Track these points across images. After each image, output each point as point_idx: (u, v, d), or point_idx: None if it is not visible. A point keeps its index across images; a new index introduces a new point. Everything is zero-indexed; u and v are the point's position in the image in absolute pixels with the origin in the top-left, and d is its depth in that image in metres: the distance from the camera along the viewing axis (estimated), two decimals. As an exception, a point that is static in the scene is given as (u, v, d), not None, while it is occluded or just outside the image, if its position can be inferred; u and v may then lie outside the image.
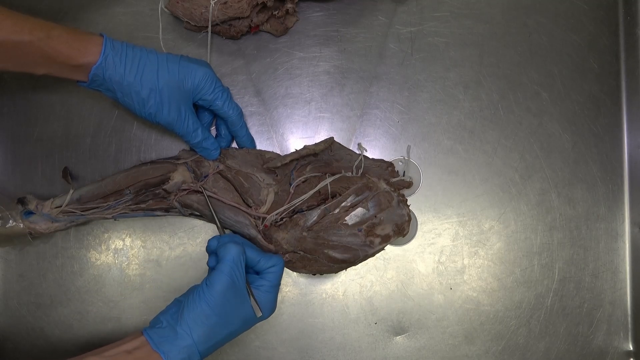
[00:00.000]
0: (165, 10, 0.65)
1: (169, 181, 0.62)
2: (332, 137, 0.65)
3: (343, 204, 0.61)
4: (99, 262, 0.67)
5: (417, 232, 0.68)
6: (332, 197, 0.62)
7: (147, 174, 0.62)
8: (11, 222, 0.61)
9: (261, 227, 0.61)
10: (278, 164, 0.63)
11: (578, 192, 0.69)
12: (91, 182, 0.64)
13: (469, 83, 0.68)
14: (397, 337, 0.68)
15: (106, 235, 0.67)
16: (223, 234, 0.60)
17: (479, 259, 0.68)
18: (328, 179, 0.62)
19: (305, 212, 0.61)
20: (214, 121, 0.66)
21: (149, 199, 0.62)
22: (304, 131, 0.68)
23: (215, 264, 0.57)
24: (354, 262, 0.61)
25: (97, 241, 0.67)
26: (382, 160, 0.67)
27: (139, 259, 0.67)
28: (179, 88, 0.58)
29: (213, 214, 0.61)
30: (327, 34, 0.68)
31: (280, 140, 0.68)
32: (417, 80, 0.68)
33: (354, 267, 0.65)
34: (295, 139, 0.68)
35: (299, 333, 0.67)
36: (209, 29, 0.64)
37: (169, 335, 0.52)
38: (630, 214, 0.69)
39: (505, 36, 0.69)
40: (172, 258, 0.67)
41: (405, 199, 0.62)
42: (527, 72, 0.69)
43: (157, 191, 0.62)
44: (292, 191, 0.62)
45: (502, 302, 0.68)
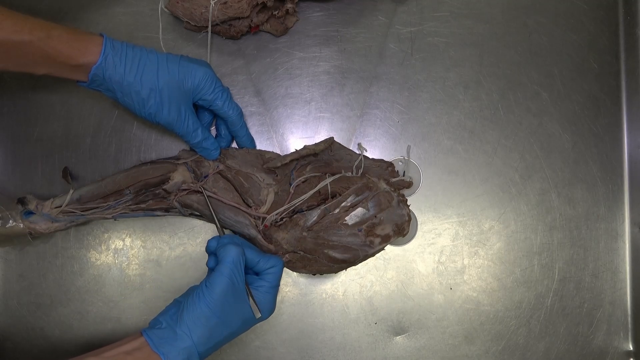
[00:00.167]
0: (165, 10, 0.65)
1: (169, 181, 0.62)
2: (332, 137, 0.65)
3: (343, 204, 0.61)
4: (99, 262, 0.67)
5: (417, 232, 0.68)
6: (332, 197, 0.62)
7: (147, 174, 0.62)
8: (11, 222, 0.61)
9: (261, 227, 0.61)
10: (278, 164, 0.63)
11: (578, 192, 0.69)
12: (91, 182, 0.64)
13: (469, 83, 0.68)
14: (397, 337, 0.68)
15: (106, 235, 0.67)
16: (223, 234, 0.60)
17: (479, 259, 0.68)
18: (328, 179, 0.62)
19: (305, 212, 0.61)
20: (214, 121, 0.66)
21: (149, 199, 0.62)
22: (304, 131, 0.68)
23: (214, 264, 0.57)
24: (354, 262, 0.61)
25: (97, 241, 0.67)
26: (382, 160, 0.67)
27: (139, 259, 0.67)
28: (179, 88, 0.58)
29: (213, 214, 0.61)
30: (327, 34, 0.68)
31: (280, 140, 0.68)
32: (417, 80, 0.68)
33: (354, 267, 0.65)
34: (295, 139, 0.68)
35: (299, 333, 0.67)
36: (209, 29, 0.64)
37: (169, 337, 0.52)
38: (630, 214, 0.69)
39: (505, 36, 0.69)
40: (172, 258, 0.67)
41: (405, 199, 0.62)
42: (527, 72, 0.69)
43: (157, 191, 0.62)
44: (292, 191, 0.62)
45: (502, 302, 0.68)
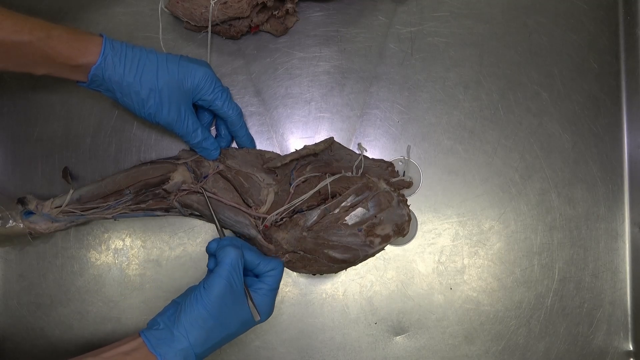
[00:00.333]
0: (165, 10, 0.65)
1: (169, 181, 0.62)
2: (332, 137, 0.65)
3: (343, 204, 0.61)
4: (99, 262, 0.67)
5: (417, 232, 0.68)
6: (332, 197, 0.62)
7: (147, 174, 0.62)
8: (11, 222, 0.61)
9: (261, 227, 0.61)
10: (278, 164, 0.63)
11: (578, 192, 0.69)
12: (91, 182, 0.64)
13: (469, 83, 0.68)
14: (397, 337, 0.68)
15: (106, 235, 0.67)
16: (223, 236, 0.60)
17: (479, 259, 0.68)
18: (328, 179, 0.62)
19: (305, 212, 0.61)
20: (213, 121, 0.66)
21: (149, 199, 0.62)
22: (304, 131, 0.68)
23: (214, 266, 0.57)
24: (354, 262, 0.61)
25: (97, 241, 0.67)
26: (382, 160, 0.67)
27: (139, 259, 0.67)
28: (178, 88, 0.58)
29: (213, 215, 0.61)
30: (327, 34, 0.68)
31: (280, 140, 0.68)
32: (417, 80, 0.68)
33: (354, 267, 0.65)
34: (295, 139, 0.68)
35: (299, 333, 0.67)
36: (209, 28, 0.64)
37: (166, 338, 0.52)
38: (630, 214, 0.69)
39: (505, 36, 0.69)
40: (172, 258, 0.67)
41: (405, 199, 0.62)
42: (527, 72, 0.69)
43: (157, 191, 0.62)
44: (292, 191, 0.62)
45: (502, 302, 0.68)
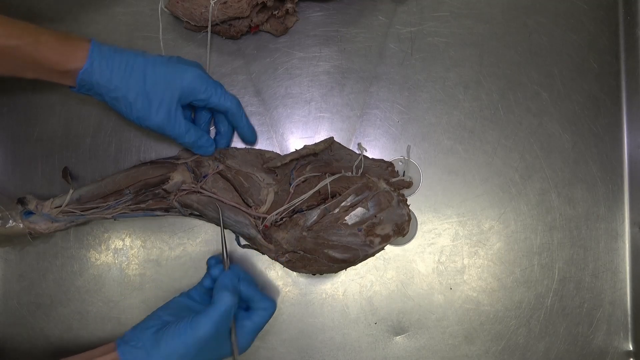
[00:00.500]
0: (165, 10, 0.65)
1: (169, 181, 0.62)
2: (332, 137, 0.65)
3: (343, 203, 0.61)
4: (99, 262, 0.67)
5: (417, 232, 0.68)
6: (332, 197, 0.62)
7: (147, 174, 0.62)
8: (11, 222, 0.61)
9: (261, 227, 0.61)
10: (278, 164, 0.63)
11: (578, 192, 0.69)
12: (91, 182, 0.64)
13: (469, 83, 0.68)
14: (397, 337, 0.68)
15: (106, 235, 0.67)
16: (227, 266, 0.60)
17: (479, 259, 0.68)
18: (328, 179, 0.62)
19: (305, 212, 0.61)
20: (212, 119, 0.66)
21: (148, 199, 0.62)
22: (304, 131, 0.68)
23: (210, 285, 0.59)
24: (354, 262, 0.61)
25: (97, 241, 0.67)
26: (382, 160, 0.67)
27: (139, 259, 0.67)
28: (166, 90, 0.57)
29: (224, 245, 0.61)
30: (327, 34, 0.68)
31: (280, 140, 0.68)
32: (417, 80, 0.68)
33: (353, 267, 0.65)
34: (295, 139, 0.68)
35: (299, 333, 0.67)
36: (209, 28, 0.64)
37: (142, 359, 0.52)
38: (630, 214, 0.69)
39: (505, 36, 0.69)
40: (172, 258, 0.67)
41: (405, 199, 0.62)
42: (527, 72, 0.69)
43: (157, 191, 0.62)
44: (292, 191, 0.62)
45: (502, 302, 0.68)
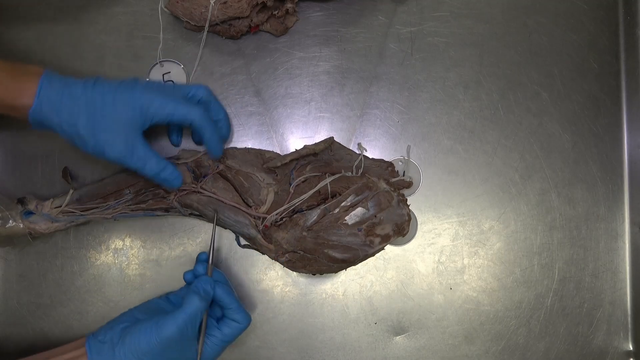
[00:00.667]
0: (165, 10, 0.65)
1: (169, 181, 0.62)
2: (332, 137, 0.65)
3: (343, 203, 0.61)
4: (99, 262, 0.67)
5: (417, 232, 0.68)
6: (332, 197, 0.62)
7: (147, 173, 0.62)
8: (11, 222, 0.61)
9: (261, 227, 0.61)
10: (278, 164, 0.63)
11: (578, 192, 0.69)
12: (91, 182, 0.64)
13: (469, 83, 0.68)
14: (397, 337, 0.68)
15: (106, 235, 0.67)
16: (210, 272, 0.60)
17: (479, 259, 0.68)
18: (328, 179, 0.62)
19: (305, 212, 0.61)
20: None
21: (148, 198, 0.62)
22: (304, 131, 0.68)
23: (191, 280, 0.59)
24: (354, 262, 0.61)
25: (97, 241, 0.67)
26: (382, 160, 0.67)
27: (139, 259, 0.67)
28: (120, 122, 0.54)
29: (211, 250, 0.61)
30: (327, 34, 0.68)
31: (280, 140, 0.68)
32: (417, 80, 0.68)
33: (353, 267, 0.65)
34: (295, 139, 0.68)
35: (299, 333, 0.67)
36: (206, 28, 0.64)
37: (107, 354, 0.53)
38: (630, 214, 0.69)
39: (505, 36, 0.69)
40: (172, 258, 0.67)
41: (405, 199, 0.62)
42: (527, 72, 0.69)
43: (157, 191, 0.62)
44: (292, 191, 0.62)
45: (502, 302, 0.68)
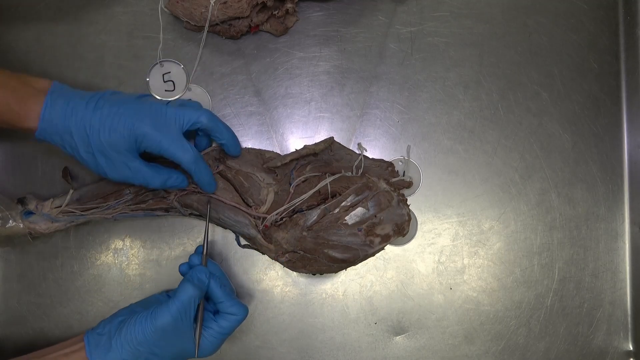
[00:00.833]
0: (165, 10, 0.65)
1: (169, 181, 0.62)
2: (332, 137, 0.65)
3: (343, 203, 0.61)
4: (99, 262, 0.67)
5: (417, 232, 0.68)
6: (332, 197, 0.62)
7: (147, 173, 0.62)
8: (11, 222, 0.61)
9: (261, 227, 0.61)
10: (278, 164, 0.63)
11: (578, 192, 0.69)
12: (91, 182, 0.64)
13: (469, 83, 0.68)
14: (397, 337, 0.68)
15: (106, 235, 0.67)
16: (205, 262, 0.60)
17: (479, 259, 0.68)
18: (328, 179, 0.62)
19: (305, 212, 0.61)
20: (211, 143, 0.65)
21: (148, 198, 0.62)
22: (304, 131, 0.68)
23: (186, 271, 0.59)
24: (354, 262, 0.61)
25: (97, 241, 0.67)
26: (382, 160, 0.67)
27: (139, 259, 0.67)
28: (116, 148, 0.55)
29: (205, 240, 0.61)
30: (327, 34, 0.68)
31: (280, 140, 0.68)
32: (417, 80, 0.68)
33: (353, 267, 0.65)
34: (295, 138, 0.68)
35: (299, 333, 0.67)
36: (206, 28, 0.64)
37: (104, 346, 0.54)
38: (630, 214, 0.69)
39: (505, 36, 0.69)
40: (172, 258, 0.67)
41: (405, 199, 0.62)
42: (527, 72, 0.69)
43: (156, 191, 0.62)
44: (292, 191, 0.62)
45: (502, 302, 0.68)
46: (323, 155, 0.64)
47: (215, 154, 0.63)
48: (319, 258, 0.60)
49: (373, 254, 0.61)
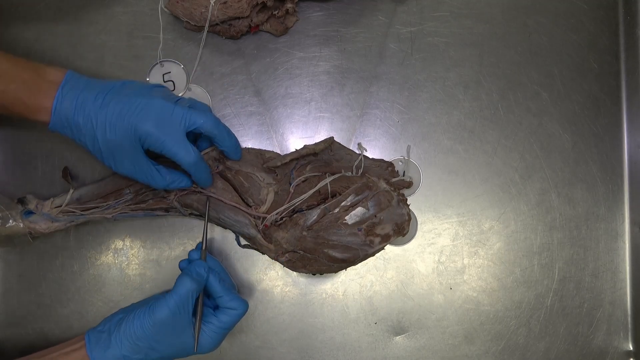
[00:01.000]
0: (165, 10, 0.65)
1: (169, 181, 0.62)
2: (332, 137, 0.65)
3: (343, 203, 0.61)
4: (99, 262, 0.67)
5: (417, 232, 0.68)
6: (332, 197, 0.62)
7: (147, 173, 0.62)
8: (11, 222, 0.61)
9: (261, 226, 0.61)
10: (278, 163, 0.63)
11: (578, 192, 0.69)
12: (91, 182, 0.64)
13: (469, 83, 0.68)
14: (397, 337, 0.68)
15: (106, 235, 0.67)
16: (204, 257, 0.60)
17: (479, 259, 0.68)
18: (328, 179, 0.62)
19: (305, 212, 0.61)
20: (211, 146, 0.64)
21: (148, 198, 0.62)
22: (304, 131, 0.68)
23: (184, 267, 0.59)
24: (354, 262, 0.61)
25: (97, 241, 0.67)
26: (382, 160, 0.67)
27: (139, 259, 0.67)
28: (122, 145, 0.55)
29: (204, 236, 0.61)
30: (327, 34, 0.68)
31: (280, 140, 0.68)
32: (417, 80, 0.68)
33: (353, 267, 0.65)
34: (295, 138, 0.68)
35: (299, 333, 0.67)
36: (206, 28, 0.64)
37: (104, 342, 0.54)
38: (630, 214, 0.69)
39: (505, 36, 0.69)
40: (172, 258, 0.67)
41: (405, 199, 0.62)
42: (527, 72, 0.69)
43: (156, 191, 0.62)
44: (292, 190, 0.62)
45: (502, 302, 0.68)
46: (323, 155, 0.64)
47: (215, 154, 0.63)
48: (319, 258, 0.60)
49: (373, 254, 0.61)
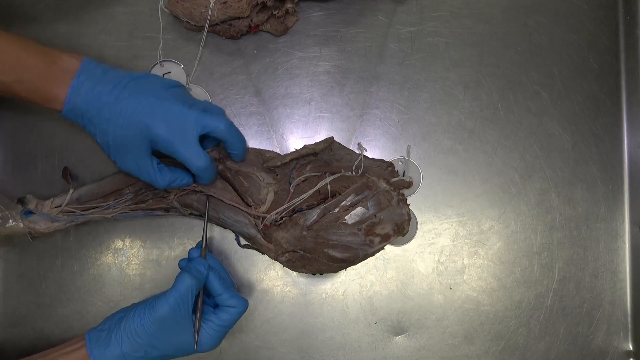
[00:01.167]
0: (165, 10, 0.65)
1: (169, 181, 0.62)
2: (332, 137, 0.65)
3: (343, 203, 0.61)
4: (99, 262, 0.67)
5: (417, 232, 0.68)
6: (332, 197, 0.62)
7: (147, 173, 0.62)
8: (11, 222, 0.61)
9: (261, 226, 0.61)
10: (278, 163, 0.63)
11: (578, 192, 0.69)
12: (91, 182, 0.64)
13: (469, 83, 0.68)
14: (397, 337, 0.68)
15: (106, 235, 0.67)
16: (204, 255, 0.60)
17: (479, 259, 0.68)
18: (328, 178, 0.62)
19: (305, 212, 0.61)
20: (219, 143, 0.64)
21: (148, 198, 0.62)
22: (304, 131, 0.68)
23: (184, 265, 0.59)
24: (354, 262, 0.61)
25: (97, 241, 0.67)
26: (382, 160, 0.67)
27: (139, 259, 0.67)
28: (130, 144, 0.55)
29: (204, 234, 0.61)
30: (327, 34, 0.68)
31: (280, 140, 0.68)
32: (417, 80, 0.68)
33: (353, 267, 0.65)
34: (295, 138, 0.68)
35: (299, 333, 0.67)
36: (206, 28, 0.64)
37: (105, 341, 0.54)
38: (630, 214, 0.69)
39: (505, 36, 0.69)
40: (172, 258, 0.67)
41: (405, 198, 0.62)
42: (527, 72, 0.69)
43: (156, 191, 0.62)
44: (292, 190, 0.62)
45: (502, 302, 0.68)
46: (323, 155, 0.64)
47: (215, 154, 0.63)
48: (318, 258, 0.60)
49: (373, 254, 0.61)
